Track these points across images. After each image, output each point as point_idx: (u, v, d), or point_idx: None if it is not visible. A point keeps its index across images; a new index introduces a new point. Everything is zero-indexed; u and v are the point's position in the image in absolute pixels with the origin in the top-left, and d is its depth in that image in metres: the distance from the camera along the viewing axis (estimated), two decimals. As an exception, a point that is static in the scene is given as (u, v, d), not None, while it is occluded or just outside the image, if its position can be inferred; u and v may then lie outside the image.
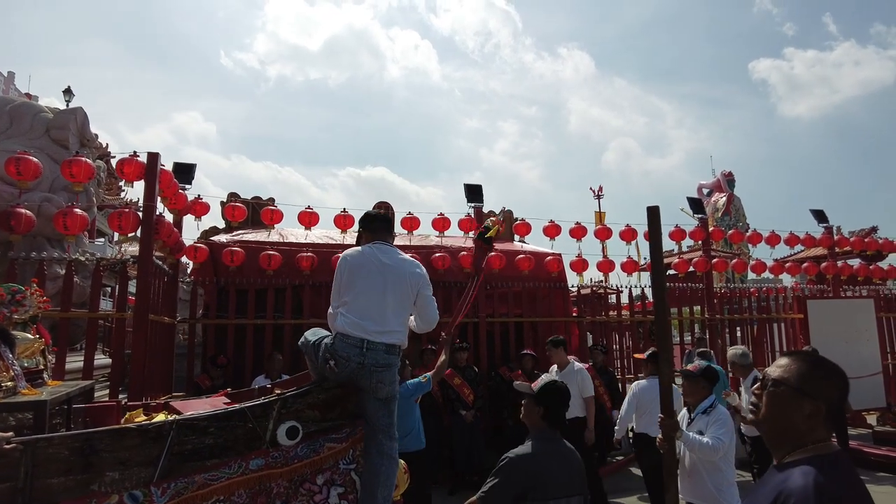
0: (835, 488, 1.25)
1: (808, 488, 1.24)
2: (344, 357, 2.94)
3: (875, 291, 10.43)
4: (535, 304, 8.12)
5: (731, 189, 31.43)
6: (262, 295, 7.12)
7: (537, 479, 2.43)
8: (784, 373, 1.43)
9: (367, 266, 3.14)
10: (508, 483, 2.43)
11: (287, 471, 2.81)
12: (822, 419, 1.38)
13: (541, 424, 2.62)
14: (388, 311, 3.07)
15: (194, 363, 7.06)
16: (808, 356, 1.47)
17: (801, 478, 1.28)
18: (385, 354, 3.00)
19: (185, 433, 2.67)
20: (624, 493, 6.32)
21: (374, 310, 3.04)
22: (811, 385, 1.39)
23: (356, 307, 3.05)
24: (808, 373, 1.41)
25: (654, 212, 3.25)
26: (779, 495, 1.29)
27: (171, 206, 6.50)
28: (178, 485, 2.60)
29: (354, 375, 2.97)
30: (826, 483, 1.25)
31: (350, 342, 2.96)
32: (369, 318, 3.01)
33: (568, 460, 2.55)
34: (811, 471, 1.28)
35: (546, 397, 2.65)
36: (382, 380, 3.01)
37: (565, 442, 2.66)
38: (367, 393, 3.01)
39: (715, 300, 9.22)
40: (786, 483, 1.30)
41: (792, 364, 1.44)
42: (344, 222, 7.49)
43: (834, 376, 1.42)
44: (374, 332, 2.99)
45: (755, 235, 9.75)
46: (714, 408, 3.55)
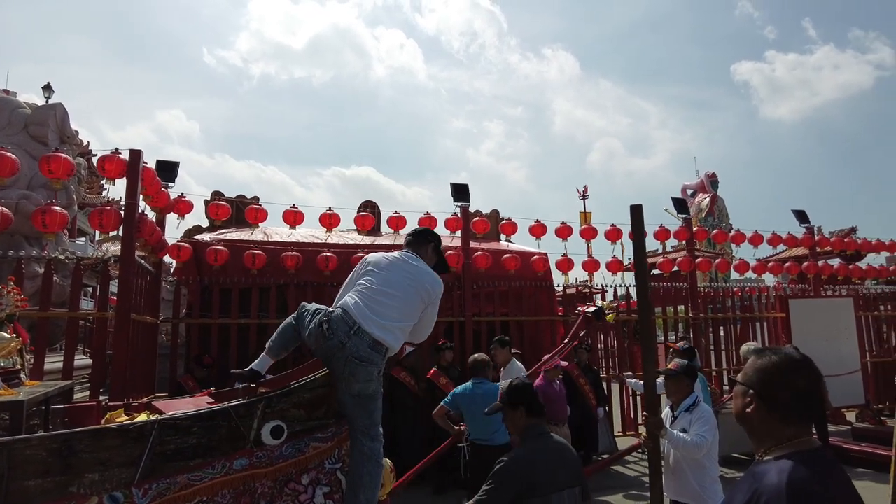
0: (809, 485, 1.24)
1: (781, 486, 1.25)
2: (333, 328, 2.89)
3: (854, 291, 10.59)
4: (521, 303, 8.14)
5: (714, 190, 31.76)
6: (247, 294, 7.06)
7: (534, 479, 2.44)
8: (742, 373, 1.49)
9: (389, 266, 3.13)
10: (504, 487, 2.44)
11: (272, 471, 2.78)
12: (767, 411, 1.39)
13: (527, 423, 2.64)
14: (394, 311, 3.02)
15: (178, 363, 6.98)
16: (760, 351, 1.50)
17: (775, 475, 1.29)
18: (368, 348, 2.89)
19: (168, 433, 2.63)
20: (608, 490, 6.36)
21: (381, 300, 3.01)
22: (749, 375, 1.45)
23: (365, 292, 3.02)
24: (750, 364, 1.47)
25: (637, 210, 3.28)
26: (753, 493, 1.30)
27: (153, 205, 6.42)
28: (161, 485, 2.56)
29: (332, 354, 2.89)
30: (800, 480, 1.25)
31: (345, 319, 2.91)
32: (373, 307, 2.97)
33: (561, 454, 2.58)
34: (786, 468, 1.29)
35: (517, 397, 2.69)
36: (355, 373, 2.88)
37: (557, 438, 2.68)
38: (340, 385, 2.94)
39: (699, 299, 9.31)
40: (761, 480, 1.31)
41: (750, 363, 1.49)
42: (329, 221, 7.45)
43: (778, 367, 1.42)
44: (370, 322, 2.92)
45: (738, 235, 9.87)
46: (697, 405, 3.57)
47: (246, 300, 7.05)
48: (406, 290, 3.07)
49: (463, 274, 7.65)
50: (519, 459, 2.51)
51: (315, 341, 2.95)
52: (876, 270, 11.05)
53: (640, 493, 6.17)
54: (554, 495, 2.44)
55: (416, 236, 3.38)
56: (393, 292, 3.04)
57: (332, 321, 2.92)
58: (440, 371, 6.67)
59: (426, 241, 3.36)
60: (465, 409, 4.67)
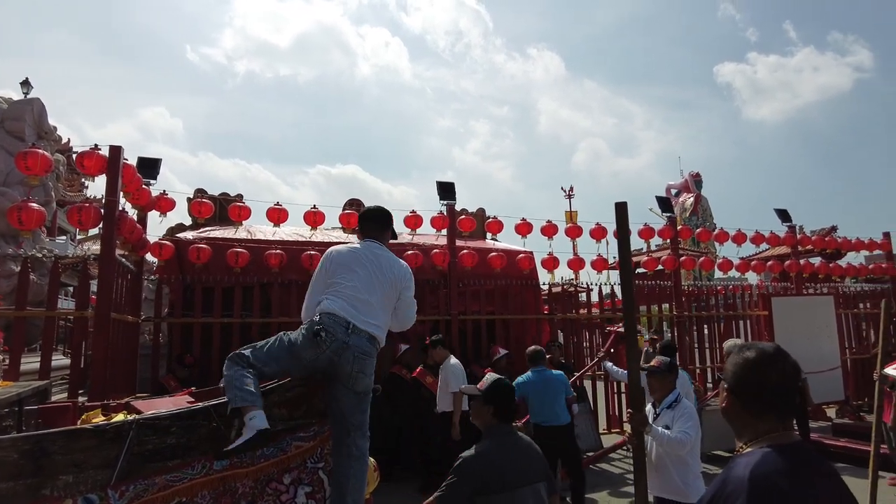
0: (771, 479, 1.26)
1: (744, 478, 1.28)
2: (331, 332, 2.84)
3: (834, 289, 10.73)
4: (507, 301, 8.14)
5: (698, 189, 32.07)
6: (230, 293, 6.98)
7: (493, 474, 2.48)
8: (726, 367, 1.53)
9: (356, 260, 3.09)
10: (463, 481, 2.48)
11: (253, 470, 2.74)
12: (741, 406, 1.42)
13: (492, 422, 2.67)
14: (375, 305, 3.03)
15: (160, 363, 6.89)
16: (742, 349, 1.51)
17: (741, 467, 1.32)
18: (367, 343, 2.94)
19: (146, 433, 2.57)
20: (593, 488, 6.37)
21: (362, 299, 2.99)
22: (727, 371, 1.49)
23: (344, 293, 2.98)
24: (729, 360, 1.50)
25: (622, 207, 3.27)
26: (721, 484, 1.34)
27: (134, 202, 6.32)
28: (138, 487, 2.51)
29: (336, 357, 2.85)
30: (763, 474, 1.27)
31: (337, 320, 2.87)
32: (356, 305, 2.95)
33: (525, 451, 2.62)
34: (752, 461, 1.31)
35: (494, 397, 2.69)
36: (364, 368, 2.92)
37: (521, 435, 2.72)
38: (343, 384, 2.90)
39: (683, 298, 9.37)
40: (730, 472, 1.35)
41: (729, 359, 1.52)
42: (314, 219, 7.39)
43: (760, 363, 1.43)
44: (360, 320, 2.92)
45: (722, 234, 9.95)
46: (679, 402, 3.59)
47: (229, 299, 6.97)
48: (382, 286, 3.08)
49: (449, 272, 7.63)
50: (474, 456, 2.55)
51: (312, 352, 2.85)
52: (855, 269, 11.20)
53: (625, 491, 6.20)
54: (517, 491, 2.48)
55: (377, 222, 3.33)
56: (369, 292, 3.02)
57: (326, 326, 2.85)
58: (426, 370, 6.66)
59: (386, 228, 3.35)
60: (531, 394, 5.26)
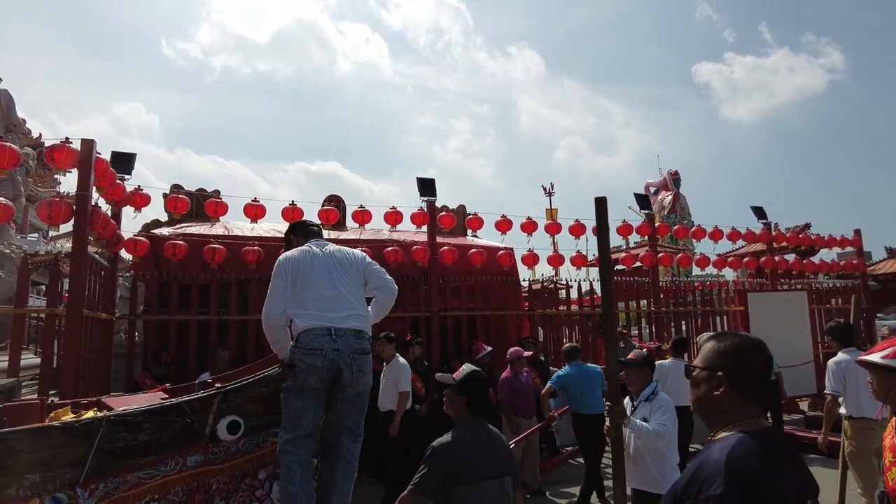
0: (747, 461, 1.28)
1: (721, 462, 1.29)
2: (317, 348, 2.82)
3: (808, 285, 10.94)
4: (488, 297, 8.15)
5: (677, 188, 32.46)
6: (206, 290, 6.87)
7: (463, 464, 2.48)
8: (698, 359, 1.54)
9: (310, 260, 3.08)
10: (435, 470, 2.47)
11: (228, 467, 2.71)
12: (734, 391, 1.44)
13: (465, 413, 2.68)
14: (347, 295, 3.03)
15: (135, 362, 6.76)
16: (716, 337, 1.55)
17: (717, 452, 1.34)
18: (356, 339, 2.94)
19: (117, 430, 2.53)
20: (571, 482, 6.41)
21: (330, 296, 2.98)
22: (712, 360, 1.49)
23: (310, 300, 2.96)
24: (711, 350, 1.51)
25: (602, 203, 3.29)
26: (698, 467, 1.35)
27: (108, 197, 6.19)
28: (109, 485, 2.46)
29: (334, 366, 2.84)
30: (739, 456, 1.29)
31: (316, 332, 2.85)
32: (329, 307, 2.94)
33: (495, 444, 2.64)
34: (728, 445, 1.34)
35: (469, 387, 2.69)
36: (362, 367, 2.94)
37: (491, 427, 2.72)
38: (345, 387, 2.89)
39: (661, 294, 9.48)
40: (706, 457, 1.36)
41: (703, 348, 1.55)
42: (293, 215, 7.30)
43: (739, 350, 1.47)
44: (338, 319, 2.92)
45: (699, 231, 10.08)
46: (656, 394, 3.61)
47: (206, 296, 6.86)
48: (347, 272, 3.12)
49: (429, 269, 7.61)
50: (446, 444, 2.55)
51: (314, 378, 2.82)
52: (827, 265, 11.45)
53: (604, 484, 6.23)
54: (484, 483, 2.48)
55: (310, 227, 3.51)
56: (335, 285, 3.03)
57: (308, 345, 2.82)
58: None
59: (312, 231, 3.46)
60: (572, 386, 5.69)
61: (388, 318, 7.27)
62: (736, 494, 1.24)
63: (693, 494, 1.31)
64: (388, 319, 7.35)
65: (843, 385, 4.53)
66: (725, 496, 1.24)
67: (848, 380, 4.51)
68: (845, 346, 4.74)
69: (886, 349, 2.28)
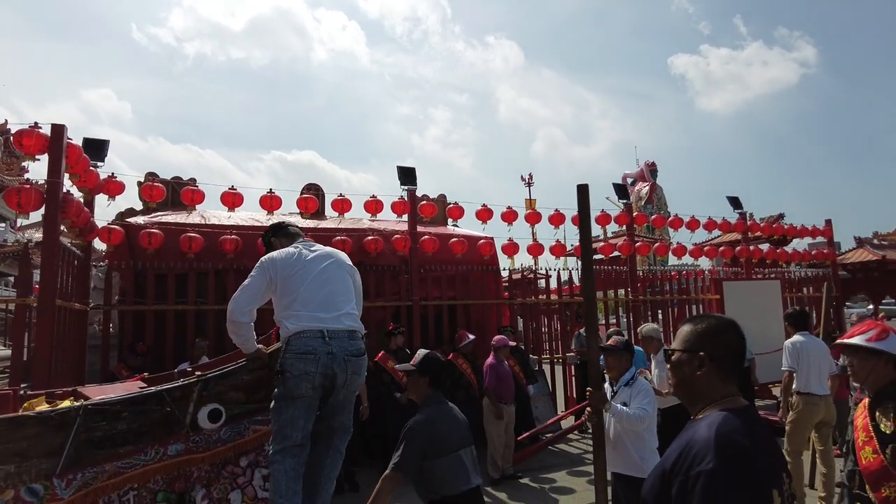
0: (734, 436, 1.34)
1: (710, 438, 1.34)
2: (309, 352, 2.73)
3: (781, 274, 11.19)
4: (468, 286, 8.16)
5: (653, 178, 32.83)
6: (184, 280, 6.77)
7: (438, 439, 2.66)
8: (676, 342, 1.59)
9: (298, 261, 2.98)
10: (414, 445, 2.61)
11: (209, 455, 2.68)
12: (715, 371, 1.49)
13: (428, 392, 2.83)
14: (338, 297, 2.96)
15: (110, 353, 6.63)
16: (692, 320, 1.60)
17: (705, 429, 1.38)
18: (350, 340, 2.88)
19: (95, 419, 2.48)
20: (553, 468, 6.49)
21: (323, 298, 2.89)
22: (696, 343, 1.53)
23: (302, 302, 2.86)
24: (689, 332, 1.57)
25: (584, 190, 3.31)
26: (685, 445, 1.39)
27: (80, 185, 6.03)
28: (87, 475, 2.42)
29: (329, 371, 2.76)
30: (726, 433, 1.35)
31: (309, 335, 2.77)
32: (320, 307, 2.85)
33: (456, 419, 2.84)
34: (715, 422, 1.39)
35: (428, 368, 2.84)
36: (357, 369, 2.90)
37: (449, 403, 2.89)
38: (339, 389, 2.84)
39: (638, 283, 9.60)
40: (693, 435, 1.40)
41: (681, 331, 1.60)
42: (270, 203, 7.22)
43: (718, 331, 1.54)
44: (331, 319, 2.84)
45: (676, 221, 10.21)
46: (636, 380, 3.67)
47: (183, 286, 6.76)
48: (338, 271, 3.07)
49: (410, 258, 7.60)
50: (422, 422, 2.70)
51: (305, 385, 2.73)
52: (800, 254, 11.71)
53: (584, 469, 6.33)
54: (459, 452, 2.72)
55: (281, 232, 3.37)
56: (325, 283, 2.97)
57: (300, 349, 2.74)
58: (388, 354, 6.64)
59: (295, 231, 3.38)
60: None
61: (370, 308, 7.32)
62: (726, 468, 1.28)
63: (683, 471, 1.34)
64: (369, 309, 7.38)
65: (798, 363, 5.10)
66: (716, 471, 1.28)
67: (801, 359, 5.10)
68: (800, 330, 5.34)
69: (868, 332, 2.33)
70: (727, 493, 1.27)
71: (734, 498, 1.27)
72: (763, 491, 1.30)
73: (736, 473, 1.28)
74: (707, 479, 1.28)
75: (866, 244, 12.70)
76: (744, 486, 1.28)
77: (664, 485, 1.40)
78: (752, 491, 1.28)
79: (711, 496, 1.27)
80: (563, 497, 5.60)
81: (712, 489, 1.27)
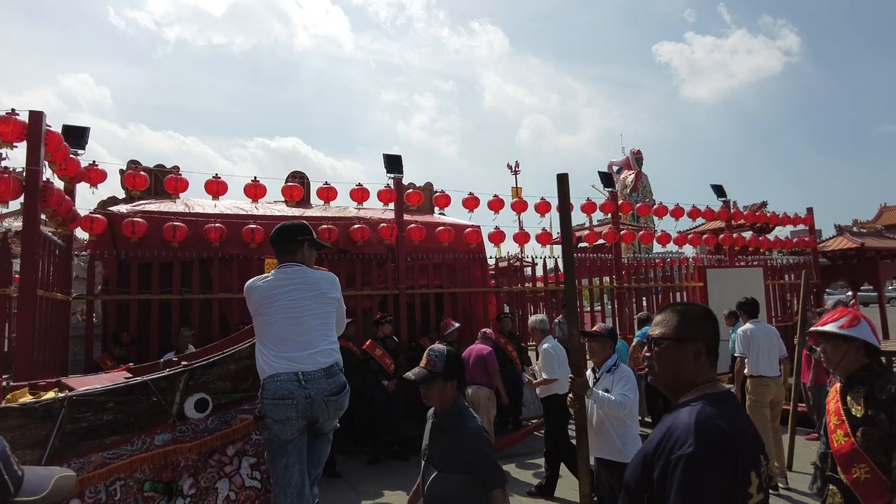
0: (714, 421, 1.38)
1: (691, 423, 1.39)
2: (286, 397, 2.63)
3: (763, 261, 11.34)
4: (455, 275, 8.19)
5: (639, 167, 33.02)
6: (168, 269, 6.72)
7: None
8: (662, 329, 1.60)
9: (273, 293, 2.82)
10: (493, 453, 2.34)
11: (196, 444, 2.69)
12: (704, 358, 1.54)
13: (455, 395, 2.36)
14: (313, 333, 2.80)
15: (94, 343, 6.58)
16: (676, 308, 1.62)
17: (686, 414, 1.43)
18: (327, 380, 2.75)
19: (80, 410, 2.48)
20: (537, 454, 6.57)
21: (296, 336, 2.76)
22: (686, 331, 1.56)
23: (274, 338, 2.76)
24: (681, 322, 1.58)
25: (563, 179, 3.33)
26: (667, 430, 1.44)
27: (61, 173, 5.94)
28: (72, 466, 2.42)
29: (308, 413, 2.69)
30: (707, 418, 1.39)
31: (283, 378, 2.66)
32: (294, 346, 2.73)
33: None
34: (696, 408, 1.43)
35: (456, 370, 2.37)
36: (339, 406, 2.80)
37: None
38: (325, 423, 2.80)
39: (623, 270, 9.69)
40: (675, 420, 1.45)
41: (665, 320, 1.61)
42: (255, 192, 7.17)
43: (703, 318, 1.59)
44: (304, 359, 2.72)
45: (661, 209, 10.29)
46: (617, 366, 3.73)
47: (167, 275, 6.71)
48: (315, 304, 2.86)
49: (397, 246, 7.60)
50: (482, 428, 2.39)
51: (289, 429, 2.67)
52: (782, 242, 11.87)
53: (568, 455, 6.42)
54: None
55: (280, 244, 2.98)
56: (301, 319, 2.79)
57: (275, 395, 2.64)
58: (376, 342, 6.67)
59: (297, 243, 2.98)
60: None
61: (357, 297, 7.32)
62: (706, 452, 1.33)
63: (664, 455, 1.38)
64: (356, 298, 7.37)
65: (748, 349, 5.47)
66: (696, 454, 1.33)
67: (752, 345, 5.45)
68: (752, 318, 5.70)
69: (840, 319, 2.39)
70: (706, 475, 1.32)
71: (712, 480, 1.32)
72: (741, 473, 1.34)
73: (714, 456, 1.33)
74: (686, 462, 1.33)
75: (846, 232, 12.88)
76: (722, 468, 1.32)
77: (645, 469, 1.44)
78: (729, 473, 1.33)
79: (690, 478, 1.32)
80: (547, 482, 5.68)
81: (691, 471, 1.32)
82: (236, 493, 2.75)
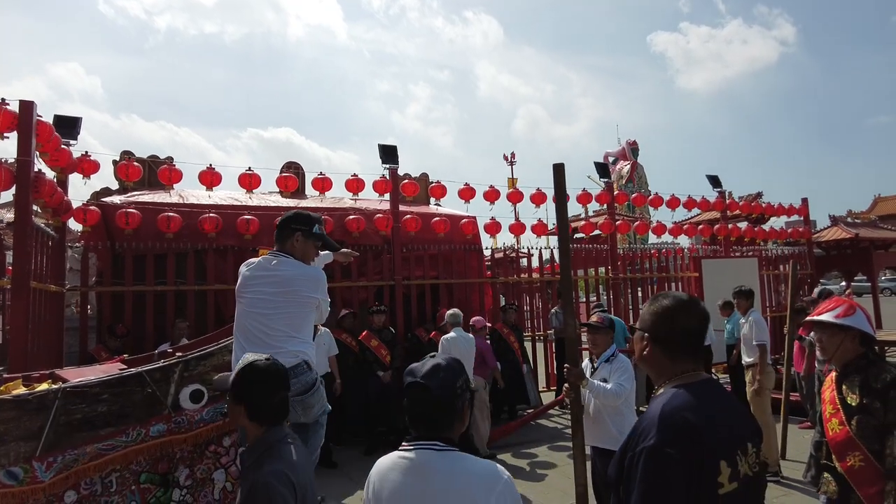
0: (679, 412, 1.38)
1: (655, 415, 1.39)
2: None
3: (758, 251, 11.38)
4: (451, 266, 8.19)
5: (635, 157, 32.98)
6: (162, 260, 6.68)
7: None
8: (640, 319, 1.63)
9: (251, 282, 2.76)
10: None
11: (192, 436, 2.68)
12: (659, 350, 1.53)
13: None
14: (278, 333, 2.68)
15: (88, 335, 6.56)
16: (653, 300, 1.62)
17: (655, 406, 1.44)
18: (292, 381, 2.55)
19: (74, 401, 2.46)
20: (534, 443, 6.62)
21: (261, 333, 2.67)
22: (643, 321, 1.60)
23: (243, 329, 2.71)
24: (644, 312, 1.61)
25: (559, 169, 3.32)
26: (638, 422, 1.46)
27: (52, 164, 5.88)
28: (67, 458, 2.41)
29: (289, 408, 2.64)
30: (672, 409, 1.39)
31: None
32: (258, 343, 2.62)
33: None
34: (665, 398, 1.44)
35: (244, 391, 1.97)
36: (309, 405, 2.73)
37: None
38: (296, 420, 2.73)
39: (619, 261, 9.71)
40: (647, 411, 1.47)
41: (644, 311, 1.63)
42: (249, 182, 7.13)
43: (677, 310, 1.55)
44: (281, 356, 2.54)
45: (656, 199, 10.30)
46: (616, 356, 3.73)
47: (161, 266, 6.68)
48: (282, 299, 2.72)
49: (392, 237, 7.58)
50: None
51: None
52: (777, 232, 11.90)
53: (564, 444, 6.46)
54: None
55: (279, 227, 2.89)
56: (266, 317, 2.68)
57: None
58: (372, 333, 6.67)
59: (289, 231, 2.87)
60: None
61: (353, 288, 7.30)
62: (667, 444, 1.33)
63: (633, 447, 1.40)
64: (352, 288, 7.35)
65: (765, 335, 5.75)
66: (655, 447, 1.33)
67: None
68: (751, 307, 6.06)
69: (835, 309, 2.39)
70: (664, 467, 1.32)
71: (670, 471, 1.32)
72: (707, 463, 1.33)
73: (674, 448, 1.33)
74: (647, 453, 1.34)
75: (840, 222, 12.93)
76: (680, 460, 1.32)
77: (622, 461, 1.45)
78: (689, 464, 1.32)
79: (651, 469, 1.33)
80: (544, 471, 5.72)
81: (651, 463, 1.33)
82: (233, 484, 2.74)
